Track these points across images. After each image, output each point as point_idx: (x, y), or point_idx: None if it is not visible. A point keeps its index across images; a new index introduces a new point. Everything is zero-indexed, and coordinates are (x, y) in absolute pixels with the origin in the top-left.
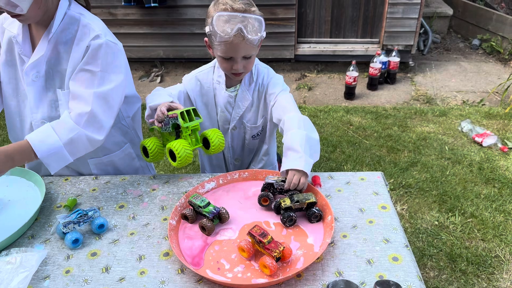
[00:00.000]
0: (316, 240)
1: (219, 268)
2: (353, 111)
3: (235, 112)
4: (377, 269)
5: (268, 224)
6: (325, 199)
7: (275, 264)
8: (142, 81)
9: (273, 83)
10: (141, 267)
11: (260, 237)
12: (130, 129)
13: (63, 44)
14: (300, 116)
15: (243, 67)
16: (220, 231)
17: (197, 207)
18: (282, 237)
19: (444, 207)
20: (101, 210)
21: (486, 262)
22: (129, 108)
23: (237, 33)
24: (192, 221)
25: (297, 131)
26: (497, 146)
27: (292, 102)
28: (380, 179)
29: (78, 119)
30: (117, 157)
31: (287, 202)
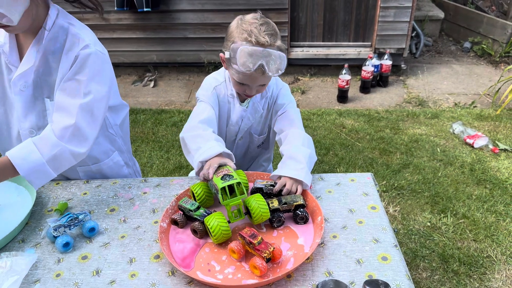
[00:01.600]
0: (306, 240)
1: (210, 269)
2: (346, 114)
3: (244, 124)
4: (367, 269)
5: (259, 226)
6: (315, 200)
7: (265, 265)
8: (136, 85)
9: (283, 94)
10: (132, 270)
11: (250, 238)
12: (118, 137)
13: (51, 53)
14: (305, 135)
15: (256, 91)
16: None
17: (187, 211)
18: (272, 238)
19: (436, 208)
20: (92, 214)
21: (478, 263)
22: (116, 116)
23: (258, 68)
24: (182, 226)
25: (301, 147)
26: (488, 148)
27: (299, 118)
28: (370, 180)
29: (62, 133)
30: (105, 166)
31: (275, 204)
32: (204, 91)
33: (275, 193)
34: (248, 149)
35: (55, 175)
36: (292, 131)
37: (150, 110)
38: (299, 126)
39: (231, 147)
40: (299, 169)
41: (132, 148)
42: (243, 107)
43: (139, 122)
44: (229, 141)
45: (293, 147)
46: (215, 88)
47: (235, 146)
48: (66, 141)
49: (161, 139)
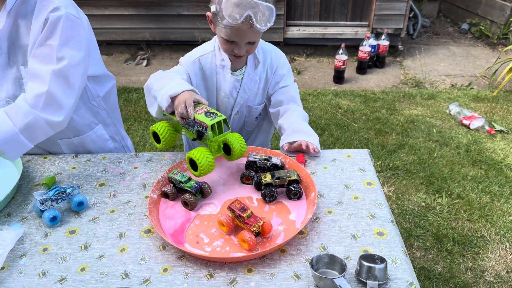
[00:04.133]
0: (299, 216)
1: (198, 242)
2: (342, 95)
3: (240, 97)
4: (362, 244)
5: (251, 200)
6: (310, 176)
7: (254, 238)
8: (128, 64)
9: (283, 64)
10: (121, 244)
11: (239, 212)
12: (101, 110)
13: (22, 17)
14: (304, 112)
15: (245, 51)
16: (202, 206)
17: (178, 182)
18: (264, 213)
19: (431, 188)
20: (80, 188)
21: (471, 242)
22: (99, 87)
23: (245, 20)
24: (173, 198)
25: (303, 121)
26: (484, 129)
27: (298, 95)
28: (367, 156)
29: (35, 101)
30: (88, 139)
31: (267, 178)
32: (186, 57)
33: (269, 168)
34: (245, 122)
35: (31, 146)
36: (293, 107)
37: (143, 89)
38: (298, 103)
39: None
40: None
41: (125, 126)
42: (235, 76)
43: (131, 101)
44: (224, 115)
45: (297, 122)
46: (200, 58)
47: (231, 122)
48: (40, 110)
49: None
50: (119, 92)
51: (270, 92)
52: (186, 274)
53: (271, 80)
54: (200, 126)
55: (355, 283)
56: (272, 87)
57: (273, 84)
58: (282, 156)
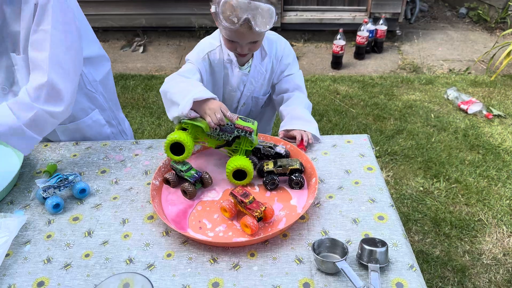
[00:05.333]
0: (300, 201)
1: (201, 227)
2: (340, 80)
3: (246, 89)
4: (363, 228)
5: (252, 185)
6: (310, 162)
7: (256, 223)
8: (124, 51)
9: (288, 53)
10: (124, 231)
11: (242, 197)
12: (98, 94)
13: (8, 4)
14: (308, 101)
15: (248, 50)
16: (204, 192)
17: (178, 171)
18: (265, 198)
19: (429, 173)
20: (82, 176)
21: (469, 226)
22: (95, 71)
23: (244, 23)
24: (174, 185)
25: (305, 109)
26: (482, 113)
27: (303, 82)
28: (367, 141)
29: (37, 94)
30: (84, 124)
31: (270, 166)
32: (195, 54)
33: (272, 156)
34: (251, 112)
35: (40, 138)
36: (297, 94)
37: (140, 76)
38: (303, 91)
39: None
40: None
41: None
42: (243, 71)
43: (128, 88)
44: (229, 107)
45: (297, 109)
46: (209, 54)
47: (237, 113)
48: (42, 103)
49: (151, 105)
50: (116, 79)
51: (275, 81)
52: (190, 259)
53: (276, 70)
54: (241, 131)
55: (357, 266)
56: (277, 77)
57: (278, 74)
58: (289, 145)
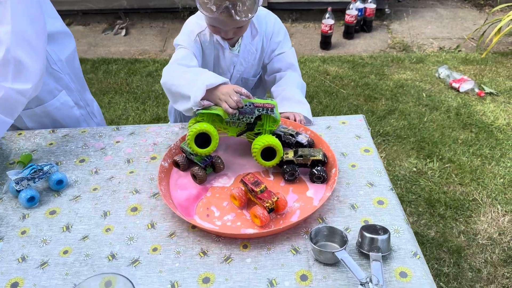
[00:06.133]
0: (317, 193)
1: (208, 215)
2: (330, 61)
3: (236, 71)
4: (362, 214)
5: (266, 173)
6: (331, 151)
7: (266, 215)
8: (106, 34)
9: (278, 30)
10: (106, 224)
11: (252, 186)
12: (64, 74)
13: None
14: (301, 80)
15: (233, 34)
16: (215, 177)
17: (188, 154)
18: (279, 188)
19: (422, 153)
20: (59, 165)
21: (464, 206)
22: (59, 49)
23: (223, 11)
24: (184, 169)
25: (297, 89)
26: (474, 91)
27: (296, 61)
28: (362, 122)
29: (3, 71)
30: (51, 107)
31: (289, 155)
32: (185, 37)
33: (293, 144)
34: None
35: (11, 121)
36: (290, 73)
37: (123, 60)
38: (296, 70)
39: None
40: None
41: (105, 99)
42: (234, 52)
43: (111, 73)
44: None
45: (289, 89)
46: (199, 35)
47: None
48: (11, 81)
49: (135, 90)
50: (98, 63)
51: (266, 61)
52: (178, 253)
53: (267, 49)
54: (262, 109)
55: (357, 255)
56: (268, 56)
57: (268, 53)
58: (310, 133)
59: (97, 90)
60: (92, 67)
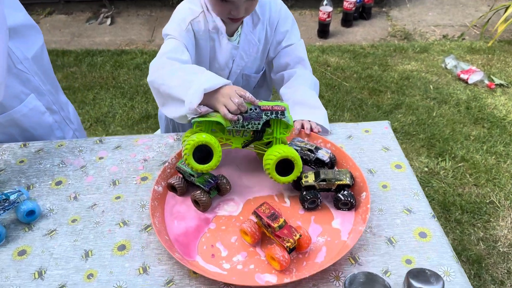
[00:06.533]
0: (344, 223)
1: (214, 254)
2: (329, 51)
3: (236, 65)
4: (402, 251)
5: (281, 198)
6: (359, 169)
7: (287, 257)
8: (90, 24)
9: (285, 17)
10: (88, 268)
11: (269, 220)
12: (32, 75)
13: None
14: (313, 78)
15: (245, 11)
16: (219, 203)
17: (187, 175)
18: (298, 216)
19: (433, 151)
20: (31, 189)
21: (481, 210)
22: (24, 45)
23: None
24: (182, 193)
25: (310, 90)
26: (483, 83)
27: (306, 54)
28: (388, 130)
29: None
30: (19, 114)
31: (310, 179)
32: (175, 26)
33: (312, 162)
34: None
35: None
36: (299, 70)
37: (108, 51)
38: (306, 66)
39: None
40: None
41: (90, 95)
42: (232, 42)
43: (96, 66)
44: None
45: (300, 91)
46: (192, 23)
47: None
48: None
49: (123, 84)
50: (82, 56)
51: (272, 55)
52: None
53: (272, 40)
54: (271, 113)
55: None
56: (274, 49)
57: (274, 45)
58: (333, 147)
59: (81, 85)
60: (75, 59)
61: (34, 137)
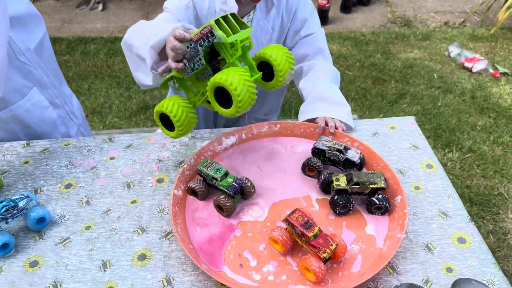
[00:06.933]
0: (378, 228)
1: (242, 264)
2: (330, 38)
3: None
4: (442, 259)
5: (309, 200)
6: (392, 171)
7: (323, 268)
8: (81, 9)
9: (304, 4)
10: (107, 280)
11: (303, 229)
12: (35, 67)
13: None
14: (334, 69)
15: None
16: (243, 208)
17: (210, 179)
18: (329, 222)
19: (440, 142)
20: (39, 194)
21: (490, 202)
22: (26, 35)
23: None
24: (203, 197)
25: (332, 84)
26: (487, 72)
27: (326, 44)
28: (415, 126)
29: None
30: (21, 109)
31: (341, 182)
32: (172, 3)
33: (342, 163)
34: None
35: None
36: (319, 62)
37: (102, 38)
38: (327, 57)
39: None
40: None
41: (85, 85)
42: None
43: (89, 54)
44: None
45: (321, 85)
46: (194, 1)
47: None
48: None
49: (118, 73)
50: (74, 43)
51: (289, 45)
52: None
53: (289, 29)
54: (203, 40)
55: None
56: (291, 38)
57: (291, 34)
58: (361, 146)
59: (75, 74)
60: (67, 47)
61: (37, 133)
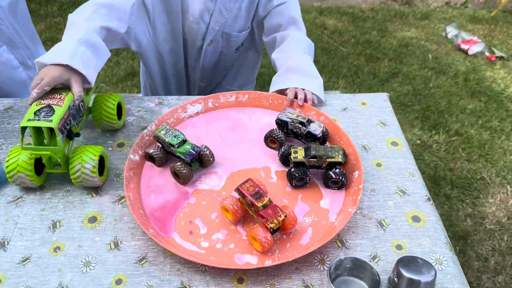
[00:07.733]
0: (333, 203)
1: (192, 231)
2: (327, 12)
3: (214, 21)
4: (393, 236)
5: (268, 172)
6: (353, 146)
7: (270, 238)
8: None
9: None
10: (55, 240)
11: (252, 199)
12: (6, 25)
13: None
14: (308, 40)
15: None
16: (201, 176)
17: (167, 145)
18: (285, 194)
19: (427, 123)
20: None
21: (471, 186)
22: None
23: None
24: (161, 164)
25: (305, 55)
26: (483, 55)
27: (300, 14)
28: (387, 103)
29: None
30: None
31: (299, 155)
32: None
33: (304, 136)
34: (222, 55)
35: None
36: (293, 33)
37: None
38: (300, 27)
39: (196, 56)
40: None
41: None
42: None
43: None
44: (192, 48)
45: (294, 55)
46: None
47: (203, 55)
48: None
49: None
50: (66, 5)
51: (261, 14)
52: (149, 287)
53: None
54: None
55: None
56: (263, 7)
57: (263, 2)
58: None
59: None
60: (59, 9)
61: (6, 93)
